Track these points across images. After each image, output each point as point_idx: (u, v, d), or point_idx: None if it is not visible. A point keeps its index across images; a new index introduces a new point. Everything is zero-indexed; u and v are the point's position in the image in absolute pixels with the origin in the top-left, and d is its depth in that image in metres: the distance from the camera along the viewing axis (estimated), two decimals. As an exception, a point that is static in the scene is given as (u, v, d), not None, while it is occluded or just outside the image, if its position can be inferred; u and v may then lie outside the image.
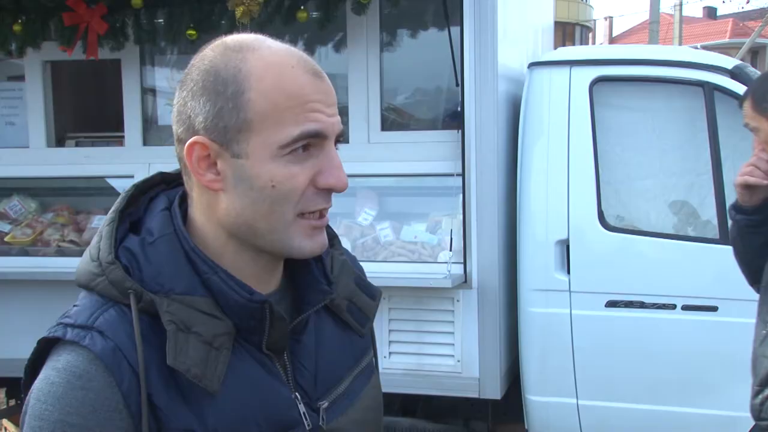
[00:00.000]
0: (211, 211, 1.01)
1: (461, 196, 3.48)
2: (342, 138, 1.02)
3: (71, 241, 4.01)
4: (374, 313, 1.19)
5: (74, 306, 1.00)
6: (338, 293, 1.13)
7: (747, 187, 2.22)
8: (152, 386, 0.93)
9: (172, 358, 0.93)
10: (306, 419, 1.04)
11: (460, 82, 3.48)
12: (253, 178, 0.97)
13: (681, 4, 21.36)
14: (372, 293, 1.20)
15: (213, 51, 1.00)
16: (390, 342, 3.60)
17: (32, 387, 0.96)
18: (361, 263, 1.26)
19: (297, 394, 1.05)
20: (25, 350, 1.01)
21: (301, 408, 1.04)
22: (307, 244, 1.01)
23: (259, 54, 0.97)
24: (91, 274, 0.99)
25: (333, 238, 1.18)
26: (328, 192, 1.00)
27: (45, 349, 0.98)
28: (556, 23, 6.74)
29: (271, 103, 0.95)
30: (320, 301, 1.08)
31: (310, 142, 0.97)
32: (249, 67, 0.96)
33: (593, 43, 30.65)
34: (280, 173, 0.96)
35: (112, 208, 1.04)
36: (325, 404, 1.07)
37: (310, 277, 1.09)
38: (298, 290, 1.10)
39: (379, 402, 1.20)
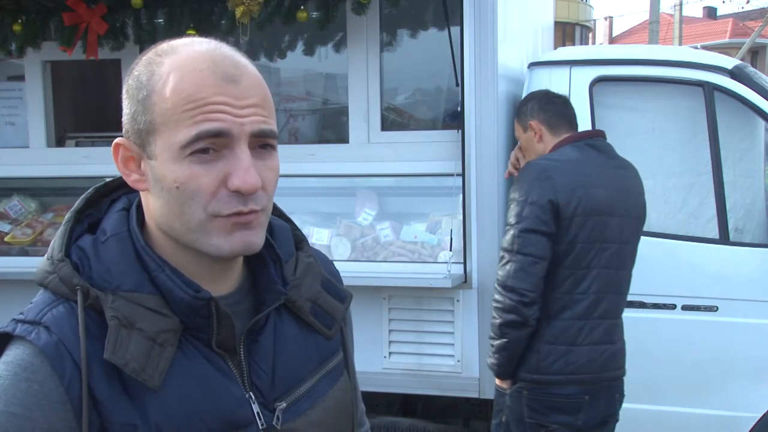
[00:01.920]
0: (148, 211, 1.05)
1: (461, 196, 3.48)
2: (271, 140, 1.01)
3: (71, 241, 4.00)
4: (342, 316, 1.18)
5: (30, 303, 1.03)
6: (301, 295, 1.13)
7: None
8: (95, 380, 0.95)
9: (110, 352, 0.94)
10: (260, 419, 1.04)
11: (460, 82, 3.48)
12: (162, 179, 0.98)
13: (681, 4, 21.38)
14: (341, 296, 1.19)
15: (145, 55, 1.03)
16: (390, 342, 3.60)
17: None
18: (360, 263, 1.25)
19: (251, 393, 1.05)
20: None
21: (255, 408, 1.04)
22: (224, 243, 0.99)
23: (174, 58, 0.99)
24: (45, 272, 1.02)
25: (301, 241, 1.20)
26: (240, 194, 0.98)
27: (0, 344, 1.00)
28: (556, 23, 6.74)
29: (171, 105, 0.96)
30: (275, 301, 1.09)
31: (216, 143, 0.96)
32: (161, 71, 0.98)
33: (593, 43, 30.67)
34: (182, 174, 0.97)
35: (71, 209, 1.07)
36: (282, 405, 1.07)
37: (267, 279, 1.10)
38: (257, 292, 1.11)
39: (345, 404, 1.18)
